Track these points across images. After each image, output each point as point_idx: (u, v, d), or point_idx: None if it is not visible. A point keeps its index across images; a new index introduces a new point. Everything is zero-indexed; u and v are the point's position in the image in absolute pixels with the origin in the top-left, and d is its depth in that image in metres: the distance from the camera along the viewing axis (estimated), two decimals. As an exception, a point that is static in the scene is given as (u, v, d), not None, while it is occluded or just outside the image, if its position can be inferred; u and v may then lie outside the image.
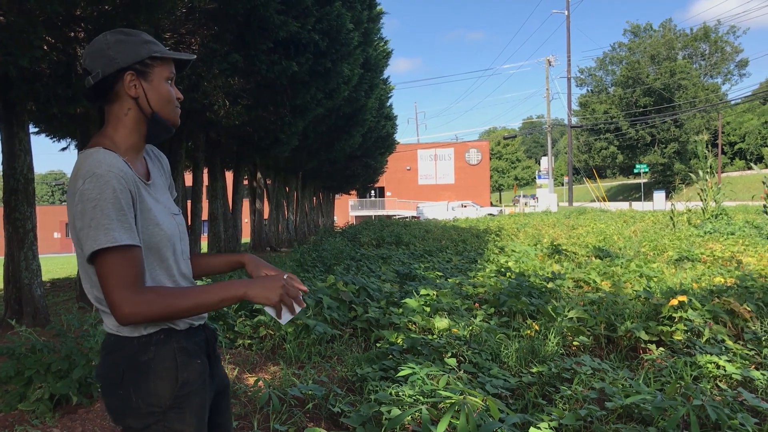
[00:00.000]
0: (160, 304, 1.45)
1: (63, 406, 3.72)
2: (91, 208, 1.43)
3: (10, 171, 6.54)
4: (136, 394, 1.51)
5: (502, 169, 75.68)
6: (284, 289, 1.54)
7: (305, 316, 5.20)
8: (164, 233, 1.57)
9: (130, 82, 1.57)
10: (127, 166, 1.53)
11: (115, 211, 1.44)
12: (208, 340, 1.71)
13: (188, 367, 1.57)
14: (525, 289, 6.24)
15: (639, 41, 67.08)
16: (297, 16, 9.30)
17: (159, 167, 1.76)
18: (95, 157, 1.48)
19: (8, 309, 6.62)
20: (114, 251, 1.43)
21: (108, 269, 1.44)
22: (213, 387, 1.71)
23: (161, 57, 1.60)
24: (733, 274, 7.05)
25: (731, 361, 4.26)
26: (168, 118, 1.64)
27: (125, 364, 1.53)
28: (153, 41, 1.61)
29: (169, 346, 1.55)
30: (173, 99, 1.64)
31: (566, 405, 3.59)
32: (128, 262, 1.45)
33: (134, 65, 1.57)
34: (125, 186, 1.47)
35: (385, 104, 26.55)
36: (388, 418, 3.13)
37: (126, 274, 1.44)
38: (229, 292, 1.51)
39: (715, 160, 18.99)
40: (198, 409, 1.58)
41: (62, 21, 5.85)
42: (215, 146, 13.74)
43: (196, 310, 1.50)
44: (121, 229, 1.44)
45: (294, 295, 1.55)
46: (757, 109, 66.83)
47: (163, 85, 1.61)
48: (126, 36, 1.58)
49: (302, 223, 25.83)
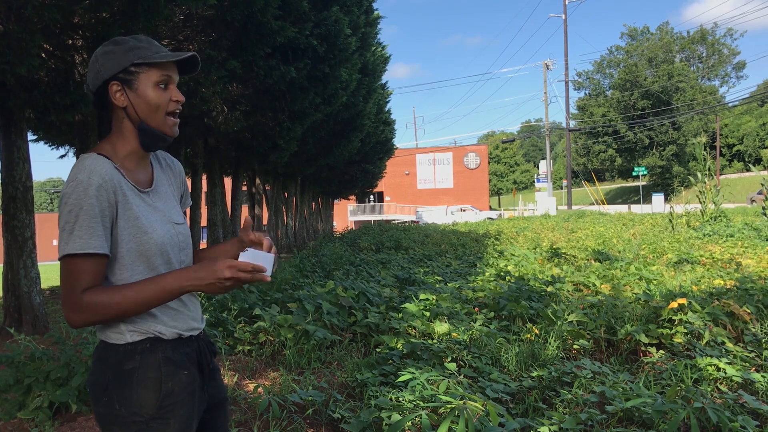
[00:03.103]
0: (104, 305, 1.45)
1: (62, 414, 3.70)
2: (67, 212, 1.46)
3: (8, 179, 6.53)
4: (119, 402, 1.51)
5: (501, 173, 75.68)
6: (226, 277, 1.48)
7: (305, 321, 5.20)
8: (153, 242, 1.56)
9: (116, 92, 1.57)
10: (117, 173, 1.53)
11: (87, 218, 1.45)
12: (201, 352, 1.68)
13: (173, 378, 1.55)
14: (525, 292, 6.24)
15: (636, 44, 67.23)
16: (295, 22, 9.31)
17: (170, 175, 1.75)
18: (83, 162, 1.50)
19: (7, 317, 6.60)
20: (76, 257, 1.46)
21: (66, 274, 1.47)
22: (205, 399, 1.68)
23: (146, 62, 1.56)
24: (732, 277, 7.04)
25: (731, 363, 4.25)
26: (156, 127, 1.59)
27: (110, 372, 1.53)
28: (139, 47, 1.57)
29: (154, 356, 1.54)
30: (163, 105, 1.58)
31: (567, 409, 3.58)
32: (86, 269, 1.46)
33: (117, 75, 1.56)
34: (104, 194, 1.48)
35: (383, 109, 26.58)
36: (388, 424, 3.13)
37: (78, 281, 1.46)
38: (171, 285, 1.49)
39: (713, 162, 19.04)
40: (183, 421, 1.56)
41: (60, 29, 5.85)
42: (214, 152, 13.74)
43: (146, 304, 1.49)
44: (89, 236, 1.45)
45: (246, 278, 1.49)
46: (754, 111, 66.97)
47: (150, 91, 1.57)
48: (114, 46, 1.57)
49: (301, 228, 25.82)
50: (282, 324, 5.14)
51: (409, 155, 59.47)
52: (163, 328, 1.56)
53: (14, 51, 5.12)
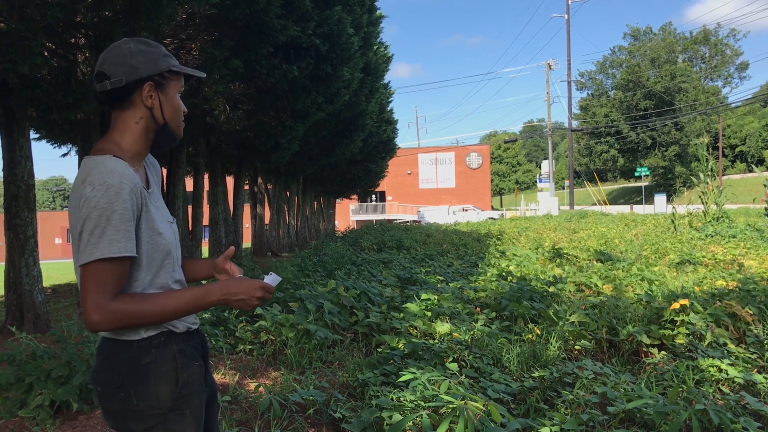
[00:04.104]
0: (137, 314, 1.48)
1: (63, 412, 3.70)
2: (97, 216, 1.45)
3: (10, 177, 6.54)
4: (137, 396, 1.54)
5: (503, 172, 75.62)
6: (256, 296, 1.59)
7: (306, 321, 5.19)
8: (165, 241, 1.61)
9: (149, 92, 1.61)
10: (136, 176, 1.56)
11: (123, 221, 1.47)
12: (203, 343, 1.77)
13: (188, 369, 1.61)
14: (526, 293, 6.23)
15: (639, 44, 67.16)
16: (297, 21, 9.31)
17: (154, 174, 1.78)
18: (107, 165, 1.51)
19: (9, 315, 6.61)
20: (110, 261, 1.46)
21: (95, 277, 1.46)
22: (206, 390, 1.74)
23: (177, 71, 1.67)
24: (734, 277, 7.03)
25: (733, 364, 4.24)
26: (176, 130, 1.71)
27: (125, 368, 1.55)
28: (170, 55, 1.68)
29: (169, 349, 1.58)
30: (182, 112, 1.71)
31: (568, 410, 3.58)
32: (117, 273, 1.48)
33: (154, 76, 1.62)
34: (135, 198, 1.51)
35: (385, 108, 26.57)
36: (389, 424, 3.12)
37: (107, 284, 1.47)
38: (203, 298, 1.55)
39: (716, 162, 19.00)
40: (197, 411, 1.62)
41: (62, 27, 5.86)
42: (216, 151, 13.75)
43: (178, 316, 1.54)
44: (126, 240, 1.48)
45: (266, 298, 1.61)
46: (757, 111, 66.84)
47: (176, 98, 1.68)
48: (147, 47, 1.63)
49: (303, 227, 25.81)
50: (283, 323, 5.14)
51: (411, 155, 59.45)
52: (176, 322, 1.61)
53: (17, 49, 5.12)
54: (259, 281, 1.60)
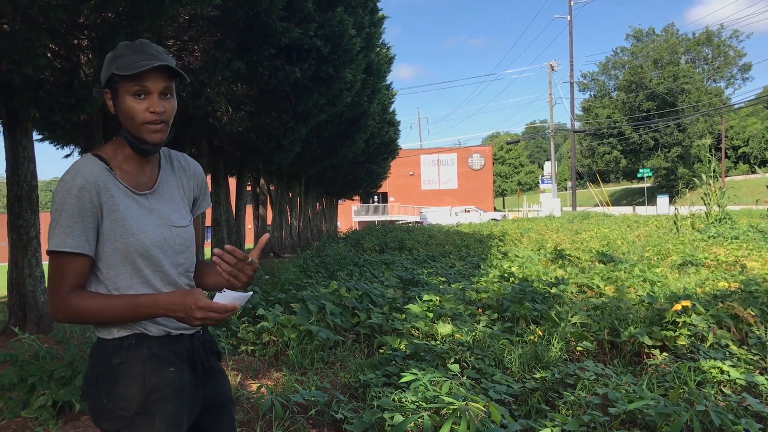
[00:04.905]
0: (81, 311, 1.52)
1: (66, 413, 3.72)
2: (53, 210, 1.53)
3: (13, 178, 6.56)
4: (107, 395, 1.55)
5: (505, 174, 75.62)
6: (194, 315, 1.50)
7: (308, 322, 5.20)
8: (139, 243, 1.57)
9: (108, 100, 1.62)
10: (106, 175, 1.57)
11: (67, 217, 1.51)
12: (194, 350, 1.68)
13: (159, 374, 1.57)
14: (528, 294, 6.23)
15: (642, 46, 67.13)
16: (299, 22, 9.32)
17: (181, 177, 1.76)
18: (77, 163, 1.56)
19: (12, 316, 6.63)
20: (58, 255, 1.52)
21: (51, 269, 1.54)
22: (199, 398, 1.67)
23: (119, 74, 1.55)
24: (737, 279, 7.02)
25: (735, 366, 4.24)
26: (136, 135, 1.58)
27: (99, 367, 1.58)
28: (121, 56, 1.56)
29: (139, 351, 1.57)
30: (137, 115, 1.56)
31: (569, 411, 3.58)
32: (66, 267, 1.52)
33: (107, 84, 1.61)
34: (87, 195, 1.52)
35: (387, 110, 26.58)
36: (390, 425, 3.13)
37: (60, 277, 1.52)
38: (146, 308, 1.52)
39: (718, 164, 18.97)
40: (169, 417, 1.56)
41: (66, 29, 5.87)
42: (218, 152, 13.77)
43: (119, 320, 1.54)
44: (66, 235, 1.51)
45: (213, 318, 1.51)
46: (760, 113, 66.69)
47: (126, 101, 1.56)
48: (111, 54, 1.60)
49: (305, 228, 25.83)
50: (285, 324, 5.15)
51: (413, 156, 59.48)
52: (149, 325, 1.59)
53: (20, 51, 5.13)
54: (202, 299, 1.49)
